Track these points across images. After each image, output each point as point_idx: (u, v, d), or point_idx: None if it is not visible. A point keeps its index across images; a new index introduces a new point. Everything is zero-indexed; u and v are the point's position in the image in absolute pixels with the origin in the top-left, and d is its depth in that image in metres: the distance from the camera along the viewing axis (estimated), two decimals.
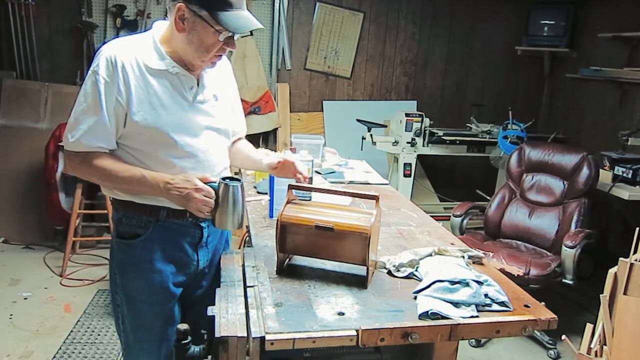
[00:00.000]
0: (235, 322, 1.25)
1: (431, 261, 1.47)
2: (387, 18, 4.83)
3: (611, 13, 4.24)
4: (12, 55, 4.13)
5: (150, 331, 1.56)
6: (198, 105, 1.49)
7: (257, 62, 4.53)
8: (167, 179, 1.41)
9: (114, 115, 1.39)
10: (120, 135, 1.43)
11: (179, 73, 1.44)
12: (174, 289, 1.55)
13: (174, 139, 1.43)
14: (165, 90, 1.43)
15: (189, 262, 1.57)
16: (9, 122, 3.99)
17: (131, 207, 1.49)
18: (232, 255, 1.66)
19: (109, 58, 1.38)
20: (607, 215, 3.86)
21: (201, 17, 1.35)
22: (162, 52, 1.43)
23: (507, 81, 5.12)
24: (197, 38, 1.38)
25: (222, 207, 1.43)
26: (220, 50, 1.42)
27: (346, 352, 1.45)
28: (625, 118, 4.05)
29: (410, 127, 4.10)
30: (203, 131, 1.50)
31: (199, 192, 1.40)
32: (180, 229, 1.53)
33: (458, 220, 3.36)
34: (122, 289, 1.55)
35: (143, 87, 1.40)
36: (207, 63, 1.45)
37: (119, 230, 1.52)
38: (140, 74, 1.40)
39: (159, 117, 1.41)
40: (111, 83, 1.37)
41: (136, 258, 1.51)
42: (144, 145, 1.43)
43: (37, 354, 2.67)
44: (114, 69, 1.37)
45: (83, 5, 4.18)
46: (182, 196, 1.40)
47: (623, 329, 2.06)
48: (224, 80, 1.63)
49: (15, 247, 3.94)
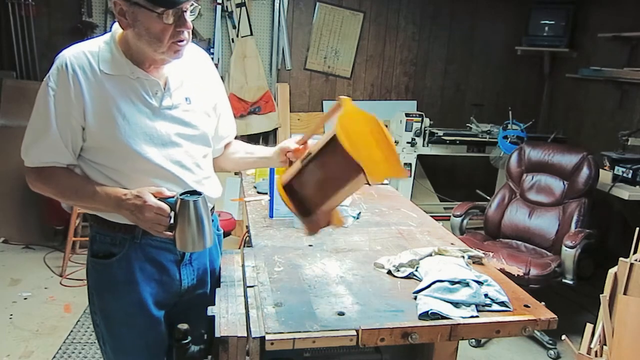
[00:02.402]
0: (235, 322, 1.25)
1: (431, 261, 1.47)
2: (387, 18, 4.83)
3: (611, 13, 4.24)
4: (12, 55, 4.13)
5: (132, 355, 1.45)
6: (165, 112, 1.34)
7: (257, 62, 4.53)
8: (120, 194, 1.27)
9: (68, 128, 1.27)
10: (82, 148, 1.32)
11: (140, 78, 1.30)
12: (156, 312, 1.43)
13: (138, 151, 1.29)
14: (125, 98, 1.29)
15: (170, 281, 1.44)
16: (9, 122, 3.99)
17: (104, 223, 1.37)
18: (232, 255, 1.66)
19: (61, 66, 1.27)
20: (607, 215, 3.86)
21: (138, 5, 1.21)
22: (118, 55, 1.30)
23: (507, 81, 5.12)
24: (144, 29, 1.23)
25: (182, 226, 1.27)
26: (175, 35, 1.25)
27: (346, 352, 1.45)
28: (625, 118, 4.05)
29: (410, 127, 4.10)
30: (172, 139, 1.35)
31: (149, 210, 1.25)
32: (160, 246, 1.40)
33: (458, 220, 3.36)
34: (100, 310, 1.43)
35: (100, 96, 1.27)
36: (168, 53, 1.28)
37: (93, 249, 1.40)
38: (95, 82, 1.27)
39: (119, 129, 1.27)
40: (62, 94, 1.26)
41: (113, 278, 1.38)
42: (108, 159, 1.31)
43: (37, 354, 2.67)
44: (65, 78, 1.25)
45: (83, 5, 4.17)
46: (132, 214, 1.27)
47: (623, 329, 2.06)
48: (202, 79, 1.46)
49: (15, 247, 3.94)
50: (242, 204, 2.56)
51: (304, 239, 1.74)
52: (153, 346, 1.47)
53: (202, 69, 1.48)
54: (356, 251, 1.65)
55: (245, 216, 2.11)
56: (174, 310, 1.50)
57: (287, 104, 4.73)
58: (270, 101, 4.58)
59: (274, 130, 4.66)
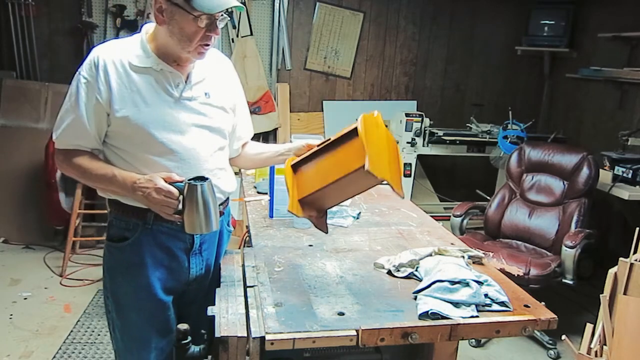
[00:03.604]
0: (235, 322, 1.25)
1: (431, 261, 1.47)
2: (387, 18, 4.83)
3: (611, 13, 4.23)
4: (12, 55, 4.13)
5: (139, 340, 1.53)
6: (185, 102, 1.45)
7: (257, 62, 4.53)
8: (135, 178, 1.38)
9: (94, 114, 1.39)
10: (107, 134, 1.43)
11: (164, 70, 1.42)
12: (164, 297, 1.51)
13: (155, 135, 1.40)
14: (149, 87, 1.41)
15: (179, 268, 1.53)
16: (9, 122, 3.99)
17: (120, 208, 1.47)
18: (232, 255, 1.66)
19: (92, 59, 1.39)
20: (607, 215, 3.86)
21: (177, 5, 1.33)
22: (147, 50, 1.42)
23: (507, 81, 5.12)
24: (178, 28, 1.35)
25: (190, 209, 1.35)
26: (204, 38, 1.38)
27: (346, 352, 1.45)
28: (625, 118, 4.05)
29: (410, 127, 4.10)
30: (190, 128, 1.45)
31: (159, 193, 1.34)
32: (170, 234, 1.49)
33: (458, 220, 3.36)
34: (112, 293, 1.53)
35: (126, 85, 1.39)
36: (193, 53, 1.40)
37: (110, 233, 1.51)
38: (123, 72, 1.39)
39: (141, 114, 1.39)
40: (92, 82, 1.38)
41: (124, 262, 1.48)
42: (128, 144, 1.42)
43: (37, 354, 2.67)
44: (95, 69, 1.38)
45: (83, 5, 4.17)
46: (144, 196, 1.36)
47: (623, 329, 2.06)
48: (223, 79, 1.58)
49: (15, 247, 3.94)
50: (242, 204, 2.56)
51: (304, 238, 1.75)
52: (162, 332, 1.53)
53: (224, 72, 1.60)
54: (356, 251, 1.65)
55: (245, 216, 2.11)
56: (182, 299, 1.57)
57: (287, 104, 4.73)
58: (270, 101, 4.58)
59: (274, 130, 4.67)
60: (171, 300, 1.54)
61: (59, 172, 3.71)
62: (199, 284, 1.58)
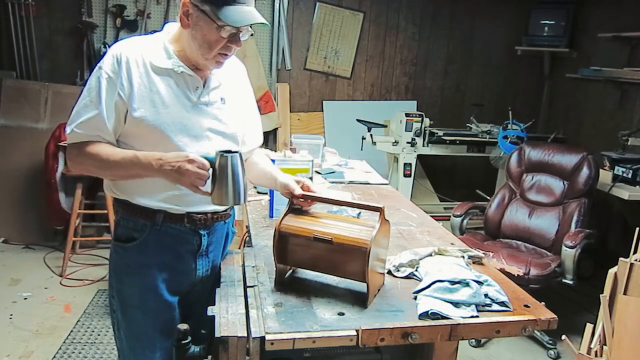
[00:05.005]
0: (235, 322, 1.25)
1: (431, 261, 1.47)
2: (387, 18, 4.83)
3: (611, 13, 4.24)
4: (12, 55, 4.13)
5: (143, 340, 1.52)
6: (202, 107, 1.45)
7: (257, 62, 4.53)
8: (159, 155, 1.35)
9: (114, 110, 1.38)
10: (121, 133, 1.42)
11: (184, 72, 1.42)
12: (169, 297, 1.51)
13: (172, 138, 1.39)
14: (168, 89, 1.41)
15: (186, 270, 1.53)
16: (9, 122, 3.99)
17: (129, 208, 1.47)
18: (232, 255, 1.66)
19: (115, 55, 1.38)
20: (607, 215, 3.86)
21: (204, 12, 1.33)
22: (169, 51, 1.42)
23: (507, 81, 5.12)
24: (200, 34, 1.35)
25: (220, 181, 1.33)
26: (224, 48, 1.38)
27: (346, 352, 1.45)
28: (625, 118, 4.05)
29: (410, 127, 4.10)
30: (205, 133, 1.45)
31: (191, 164, 1.31)
32: (178, 235, 1.48)
33: (458, 220, 3.36)
34: (117, 293, 1.53)
35: (146, 85, 1.39)
36: (211, 61, 1.40)
37: (117, 233, 1.51)
38: (144, 72, 1.39)
39: (159, 115, 1.38)
40: (114, 78, 1.37)
41: (131, 262, 1.48)
42: (144, 145, 1.41)
43: (37, 354, 2.67)
44: (118, 65, 1.37)
45: (83, 5, 4.18)
46: (174, 170, 1.32)
47: (623, 329, 2.06)
48: (237, 85, 1.59)
49: (15, 247, 3.94)
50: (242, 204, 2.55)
51: None
52: (166, 332, 1.52)
53: (239, 79, 1.62)
54: None
55: (245, 216, 2.11)
56: (187, 298, 1.57)
57: (287, 104, 4.73)
58: (270, 101, 4.58)
59: (274, 130, 4.67)
60: (176, 301, 1.55)
61: (59, 172, 3.71)
62: (204, 284, 1.58)
